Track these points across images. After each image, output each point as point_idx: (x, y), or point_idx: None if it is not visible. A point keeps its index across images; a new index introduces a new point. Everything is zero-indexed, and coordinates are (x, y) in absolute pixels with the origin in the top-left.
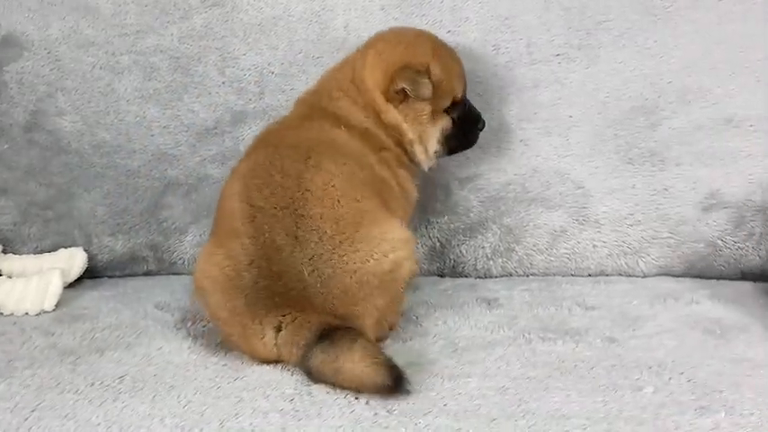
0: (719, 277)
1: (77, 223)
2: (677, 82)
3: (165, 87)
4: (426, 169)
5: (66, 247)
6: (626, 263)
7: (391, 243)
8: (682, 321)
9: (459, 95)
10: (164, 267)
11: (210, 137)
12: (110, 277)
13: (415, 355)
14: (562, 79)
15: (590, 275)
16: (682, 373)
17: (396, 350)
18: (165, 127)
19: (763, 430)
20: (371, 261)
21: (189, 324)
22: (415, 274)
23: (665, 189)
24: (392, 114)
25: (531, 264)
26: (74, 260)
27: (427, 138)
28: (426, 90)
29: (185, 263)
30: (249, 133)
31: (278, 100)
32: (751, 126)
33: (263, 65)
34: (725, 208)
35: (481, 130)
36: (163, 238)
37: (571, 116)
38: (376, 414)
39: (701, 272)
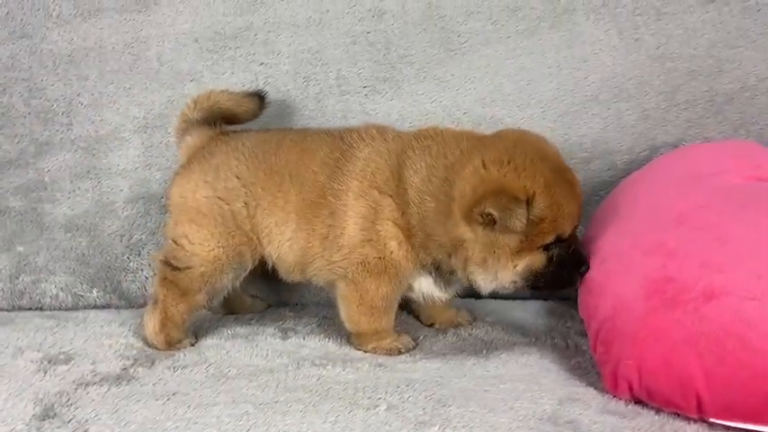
0: (523, 298)
1: None
2: (472, 112)
3: None
4: (485, 293)
5: None
6: None
7: None
8: (454, 346)
9: (567, 235)
10: None
11: (13, 168)
12: None
13: (177, 384)
14: (369, 110)
15: None
16: (424, 391)
17: (164, 378)
18: None
19: None
20: None
21: None
22: None
23: None
24: (462, 231)
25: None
26: None
27: (500, 269)
28: (519, 223)
29: None
30: (55, 164)
31: (87, 130)
32: None
33: (72, 96)
34: None
35: (583, 274)
36: None
37: None
38: None
39: None
